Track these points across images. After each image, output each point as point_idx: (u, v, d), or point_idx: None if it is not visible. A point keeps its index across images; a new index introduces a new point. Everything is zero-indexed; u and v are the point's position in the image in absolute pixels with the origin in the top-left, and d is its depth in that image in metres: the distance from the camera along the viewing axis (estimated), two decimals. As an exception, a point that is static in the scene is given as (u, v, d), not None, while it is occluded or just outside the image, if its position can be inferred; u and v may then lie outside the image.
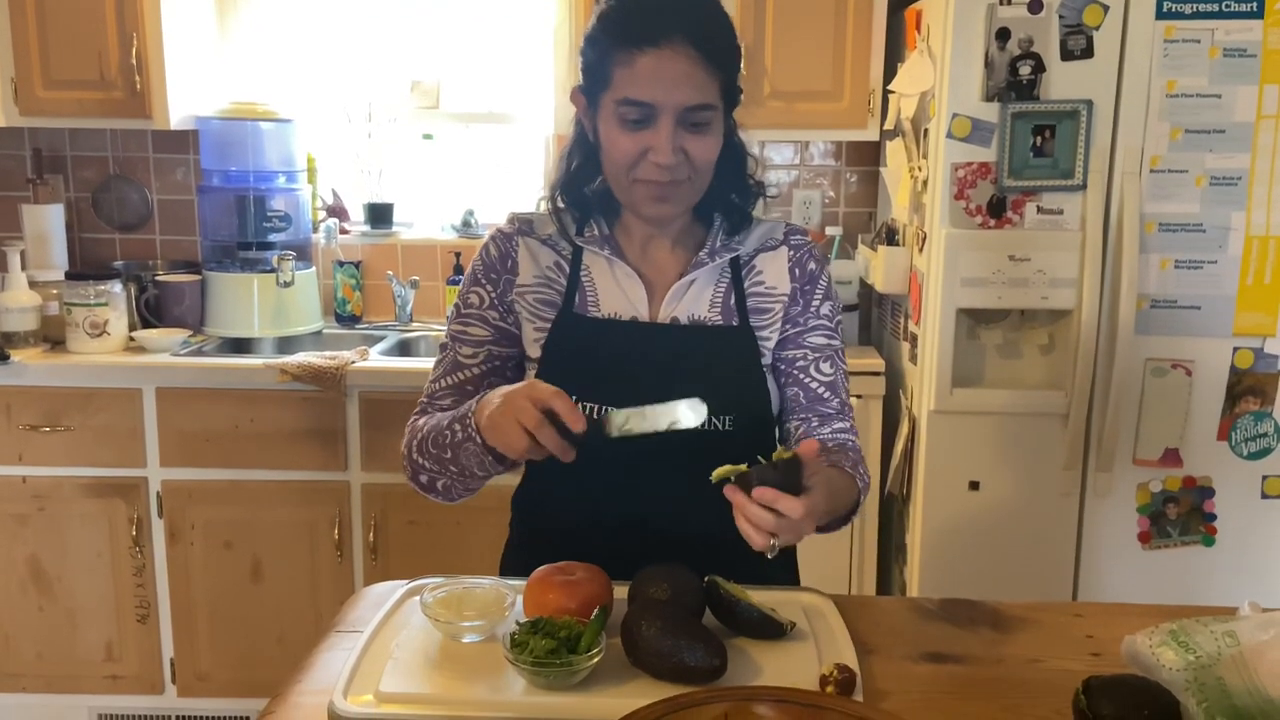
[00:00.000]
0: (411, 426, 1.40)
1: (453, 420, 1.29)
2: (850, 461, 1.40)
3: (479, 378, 1.43)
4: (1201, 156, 2.33)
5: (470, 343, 1.44)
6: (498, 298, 1.44)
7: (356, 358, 2.77)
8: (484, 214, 3.31)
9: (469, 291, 1.45)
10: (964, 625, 1.34)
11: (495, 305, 1.44)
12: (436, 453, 1.32)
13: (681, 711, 1.02)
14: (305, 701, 1.12)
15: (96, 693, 2.89)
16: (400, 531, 2.78)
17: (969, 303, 2.42)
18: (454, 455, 1.30)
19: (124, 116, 2.96)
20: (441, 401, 1.42)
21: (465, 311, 1.45)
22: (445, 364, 1.45)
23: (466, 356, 1.44)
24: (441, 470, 1.34)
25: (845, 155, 3.28)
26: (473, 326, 1.44)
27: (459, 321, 1.45)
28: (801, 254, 1.47)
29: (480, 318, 1.44)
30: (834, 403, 1.45)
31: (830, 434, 1.43)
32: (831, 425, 1.44)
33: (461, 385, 1.43)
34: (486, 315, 1.44)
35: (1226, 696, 0.98)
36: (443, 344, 1.47)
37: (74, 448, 2.75)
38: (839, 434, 1.44)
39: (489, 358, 1.44)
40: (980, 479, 2.50)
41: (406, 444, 1.39)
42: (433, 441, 1.32)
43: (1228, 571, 2.48)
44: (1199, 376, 2.42)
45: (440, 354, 1.46)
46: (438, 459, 1.33)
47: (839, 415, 1.46)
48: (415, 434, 1.38)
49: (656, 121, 1.29)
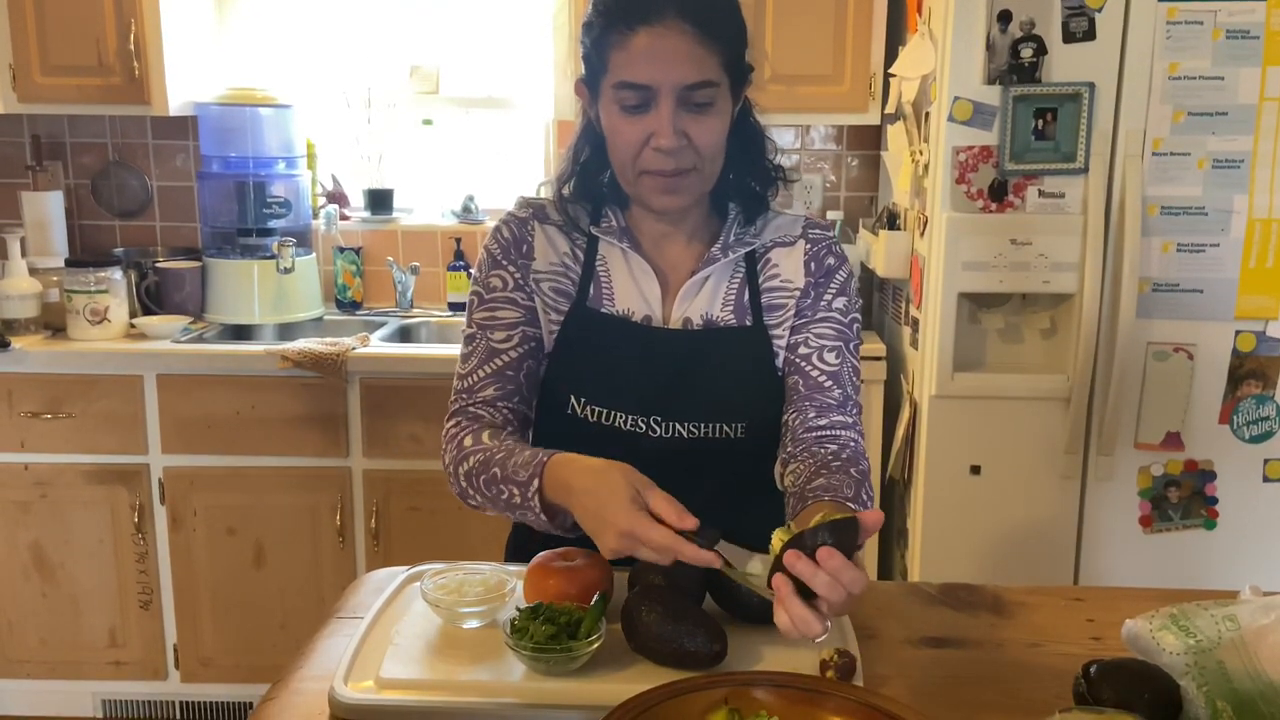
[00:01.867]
0: (457, 444, 1.32)
1: (506, 478, 1.23)
2: (853, 486, 1.26)
3: (518, 361, 1.38)
4: (1204, 139, 2.32)
5: (502, 327, 1.38)
6: (521, 279, 1.40)
7: (357, 344, 2.77)
8: (484, 200, 3.30)
9: (489, 276, 1.41)
10: (964, 610, 1.35)
11: (520, 287, 1.40)
12: (491, 496, 1.27)
13: (682, 697, 1.02)
14: (306, 687, 1.13)
15: (100, 679, 2.90)
16: (402, 517, 2.78)
17: (970, 287, 2.42)
18: (510, 510, 1.25)
19: (123, 103, 2.95)
20: (483, 392, 1.37)
21: (490, 297, 1.40)
22: (479, 353, 1.38)
23: (500, 341, 1.38)
24: (495, 507, 1.29)
25: (846, 139, 3.27)
26: (501, 310, 1.39)
27: (484, 309, 1.40)
28: (819, 248, 1.42)
29: (508, 300, 1.39)
30: (835, 393, 1.37)
31: (828, 425, 1.35)
32: (829, 416, 1.35)
33: (501, 371, 1.37)
34: (513, 297, 1.39)
35: (1227, 680, 0.98)
36: (468, 334, 1.40)
37: (75, 435, 2.75)
38: (838, 428, 1.35)
39: (524, 339, 1.39)
40: (981, 463, 2.50)
41: (453, 462, 1.32)
42: (485, 485, 1.27)
43: (1229, 555, 2.48)
44: (1201, 360, 2.41)
45: (468, 345, 1.40)
46: (492, 500, 1.27)
47: (840, 407, 1.36)
48: (462, 457, 1.30)
49: (656, 104, 1.26)
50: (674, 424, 1.37)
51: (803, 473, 1.30)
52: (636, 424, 1.36)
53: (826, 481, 1.26)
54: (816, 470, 1.29)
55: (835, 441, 1.35)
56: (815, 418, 1.36)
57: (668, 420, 1.37)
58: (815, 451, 1.33)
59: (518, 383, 1.38)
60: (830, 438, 1.35)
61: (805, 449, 1.34)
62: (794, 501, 1.27)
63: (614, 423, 1.37)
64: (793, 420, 1.38)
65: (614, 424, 1.37)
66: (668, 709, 1.01)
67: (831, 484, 1.25)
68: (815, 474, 1.28)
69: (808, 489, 1.26)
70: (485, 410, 1.36)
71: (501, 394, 1.37)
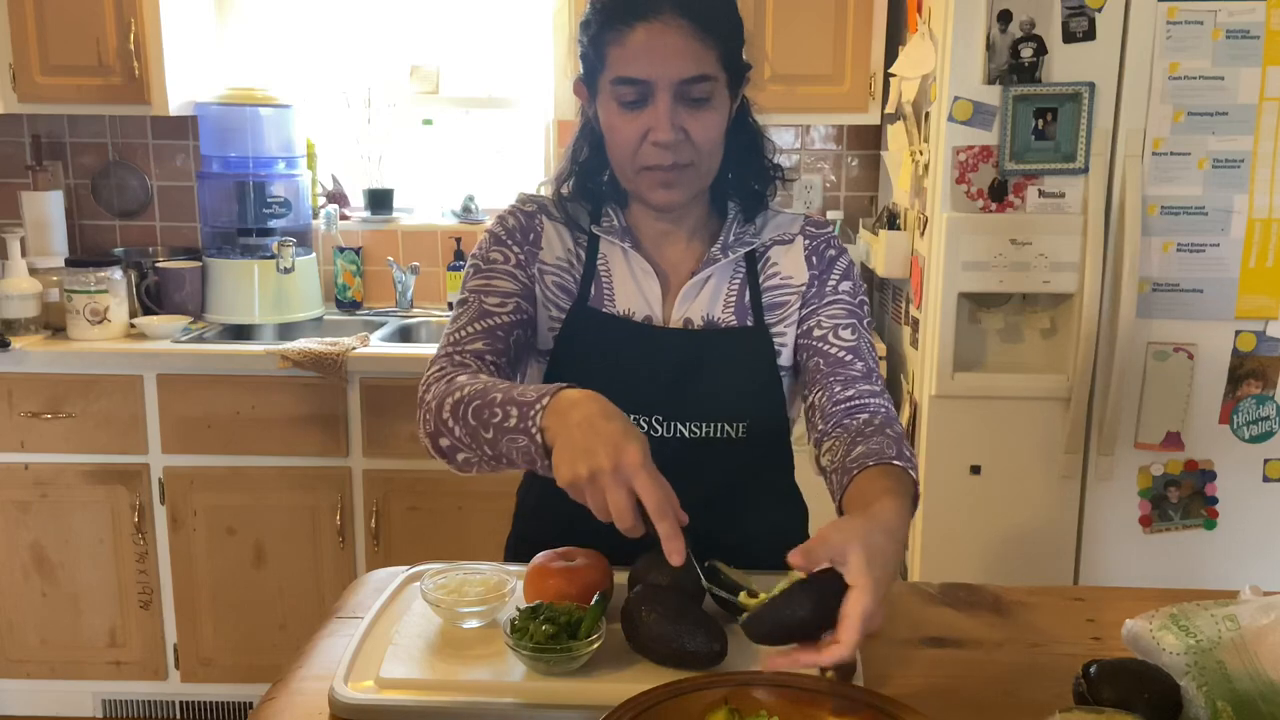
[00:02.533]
0: (448, 379, 1.25)
1: (508, 400, 1.14)
2: (894, 445, 1.22)
3: (509, 326, 1.35)
4: (1204, 139, 2.32)
5: (497, 294, 1.35)
6: (524, 260, 1.38)
7: (357, 344, 2.77)
8: (484, 200, 3.30)
9: (490, 251, 1.39)
10: (965, 609, 1.34)
11: (522, 266, 1.38)
12: (475, 425, 1.17)
13: (682, 697, 1.02)
14: (306, 687, 1.13)
15: (100, 678, 2.91)
16: (402, 517, 2.78)
17: (970, 287, 2.42)
18: (495, 437, 1.14)
19: (123, 103, 2.96)
20: (471, 345, 1.32)
21: (487, 268, 1.38)
22: (470, 312, 1.34)
23: (494, 305, 1.34)
24: (471, 445, 1.19)
25: (846, 139, 3.27)
26: (498, 280, 1.37)
27: (480, 277, 1.37)
28: (818, 242, 1.42)
29: (507, 273, 1.37)
30: (858, 366, 1.34)
31: (855, 395, 1.32)
32: (855, 387, 1.33)
33: (492, 330, 1.33)
34: (514, 273, 1.37)
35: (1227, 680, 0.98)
36: (461, 299, 1.37)
37: (75, 434, 2.75)
38: (865, 397, 1.32)
39: (517, 309, 1.36)
40: (981, 463, 2.50)
41: (436, 396, 1.23)
42: (473, 412, 1.17)
43: (1229, 555, 2.48)
44: (1201, 360, 2.41)
45: (459, 307, 1.36)
46: (473, 432, 1.17)
47: (865, 378, 1.33)
48: (451, 389, 1.22)
49: (653, 99, 1.27)
50: (675, 424, 1.37)
51: (839, 448, 1.27)
52: (638, 424, 1.36)
53: (865, 448, 1.22)
54: (853, 440, 1.26)
55: (865, 410, 1.32)
56: (841, 390, 1.33)
57: (669, 420, 1.37)
58: (847, 424, 1.31)
59: (507, 344, 1.34)
60: (860, 407, 1.32)
61: (836, 423, 1.32)
62: (838, 478, 1.24)
63: None
64: (819, 399, 1.35)
65: None
66: (668, 709, 1.01)
67: (871, 449, 1.22)
68: (853, 444, 1.25)
69: (849, 460, 1.23)
70: (472, 360, 1.31)
71: (489, 349, 1.32)
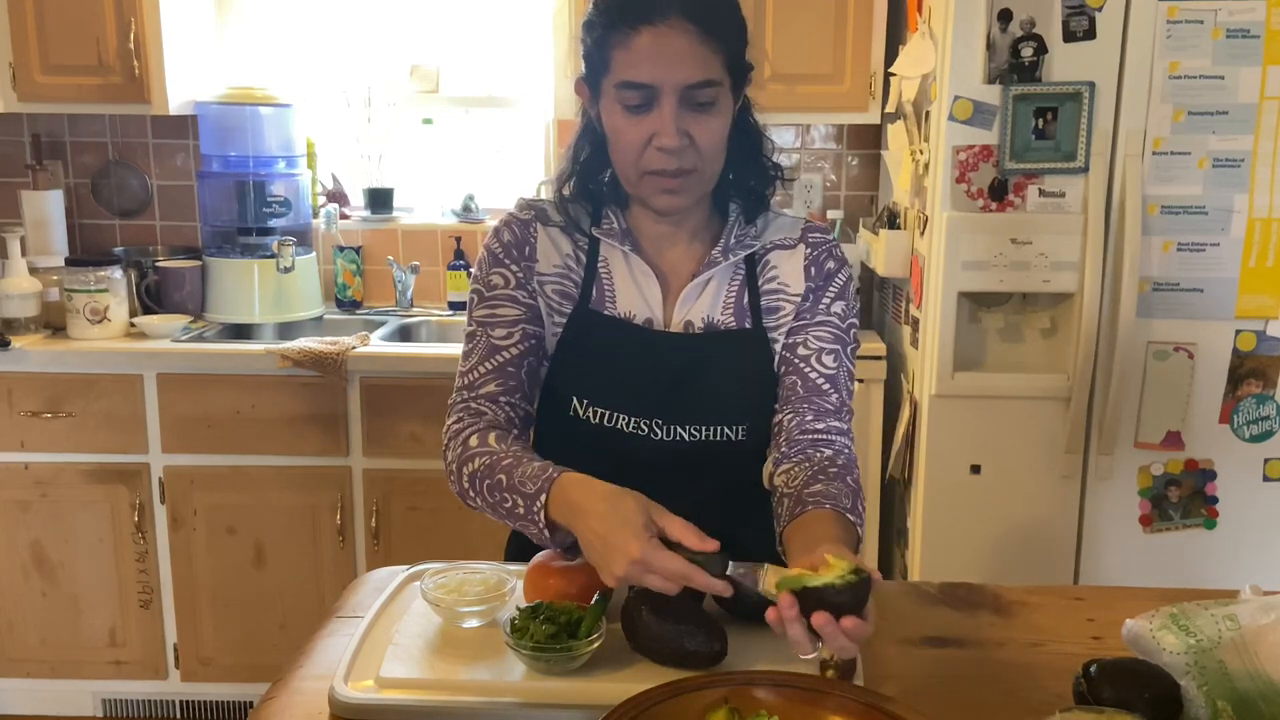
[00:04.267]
0: (462, 441, 1.31)
1: (511, 487, 1.22)
2: (850, 497, 1.27)
3: (519, 358, 1.37)
4: (1204, 138, 2.32)
5: (503, 324, 1.37)
6: (523, 279, 1.39)
7: (357, 343, 2.77)
8: (484, 199, 3.30)
9: (490, 274, 1.39)
10: (964, 609, 1.35)
11: (522, 285, 1.39)
12: (493, 502, 1.26)
13: (682, 696, 1.02)
14: (306, 687, 1.13)
15: (100, 678, 2.90)
16: (402, 517, 2.78)
17: (970, 286, 2.42)
18: (511, 519, 1.24)
19: (122, 102, 2.95)
20: (484, 388, 1.36)
21: (490, 295, 1.39)
22: (480, 350, 1.38)
23: (501, 339, 1.37)
24: (495, 515, 1.27)
25: (846, 138, 3.27)
26: (502, 308, 1.38)
27: (484, 306, 1.39)
28: (819, 252, 1.42)
29: (509, 298, 1.38)
30: (833, 398, 1.37)
31: (824, 429, 1.35)
32: (826, 421, 1.36)
33: (503, 368, 1.36)
34: (515, 295, 1.38)
35: (1227, 680, 0.98)
36: (470, 332, 1.39)
37: (76, 434, 2.75)
38: (834, 434, 1.35)
39: (524, 337, 1.38)
40: (981, 463, 2.49)
41: (455, 460, 1.31)
42: (487, 490, 1.26)
43: (1229, 555, 2.48)
44: (1201, 359, 2.41)
45: (469, 342, 1.39)
46: (494, 508, 1.26)
47: (836, 413, 1.37)
48: (467, 457, 1.29)
49: (658, 103, 1.26)
50: (675, 427, 1.37)
51: (798, 475, 1.31)
52: (639, 426, 1.36)
53: (825, 488, 1.26)
54: (814, 475, 1.29)
55: (830, 447, 1.35)
56: (812, 421, 1.36)
57: (669, 423, 1.36)
58: (810, 455, 1.34)
59: (519, 379, 1.38)
60: (825, 442, 1.35)
61: (800, 450, 1.35)
62: (789, 504, 1.27)
63: (616, 424, 1.37)
64: (788, 421, 1.37)
65: (616, 426, 1.37)
66: (668, 708, 1.01)
67: (830, 491, 1.25)
68: (813, 479, 1.29)
69: (805, 493, 1.26)
70: (487, 406, 1.35)
71: (503, 390, 1.36)
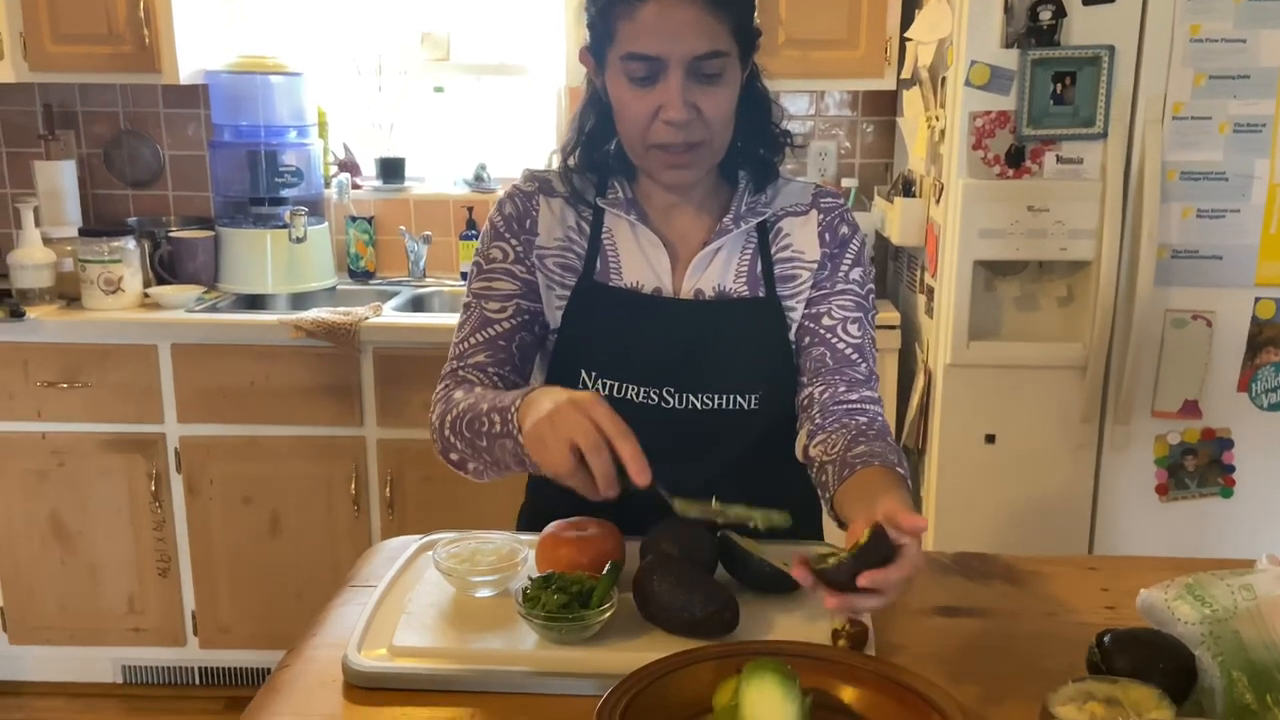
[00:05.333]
0: (446, 398, 1.32)
1: (491, 409, 1.21)
2: (895, 454, 1.24)
3: (510, 332, 1.37)
4: (1225, 103, 2.29)
5: (497, 298, 1.38)
6: (522, 253, 1.39)
7: (370, 314, 2.77)
8: (496, 168, 3.29)
9: (490, 248, 1.40)
10: (978, 579, 1.34)
11: (520, 260, 1.39)
12: (470, 437, 1.25)
13: (694, 665, 1.02)
14: (320, 655, 1.13)
15: (120, 645, 2.94)
16: (417, 487, 2.79)
17: (986, 254, 2.40)
18: (489, 445, 1.22)
19: (133, 71, 2.94)
20: (474, 358, 1.36)
21: (488, 268, 1.39)
22: (472, 321, 1.38)
23: (494, 311, 1.37)
24: (474, 455, 1.27)
25: (861, 105, 3.23)
26: (498, 281, 1.38)
27: (481, 279, 1.39)
28: (832, 218, 1.40)
29: (505, 272, 1.38)
30: (862, 367, 1.37)
31: (858, 400, 1.35)
32: (859, 392, 1.35)
33: (493, 340, 1.36)
34: (512, 270, 1.38)
35: (1242, 650, 0.98)
36: (466, 303, 1.40)
37: (92, 404, 2.77)
38: (867, 403, 1.35)
39: (518, 311, 1.38)
40: (996, 432, 2.48)
41: (439, 416, 1.31)
42: (467, 425, 1.25)
43: (1246, 524, 2.47)
44: (1219, 327, 2.39)
45: (464, 313, 1.39)
46: (471, 443, 1.25)
47: (867, 383, 1.36)
48: (449, 408, 1.29)
49: (665, 75, 1.24)
50: (687, 396, 1.36)
51: (837, 442, 1.28)
52: (649, 396, 1.36)
53: (868, 448, 1.24)
54: (854, 439, 1.27)
55: (865, 415, 1.34)
56: (846, 392, 1.35)
57: (681, 392, 1.36)
58: (847, 423, 1.32)
59: (509, 353, 1.37)
60: (860, 410, 1.34)
61: (836, 420, 1.33)
62: (834, 469, 1.24)
63: (626, 395, 1.36)
64: (820, 394, 1.36)
65: (626, 397, 1.36)
66: (680, 678, 1.01)
67: (875, 450, 1.23)
68: (854, 442, 1.26)
69: (849, 456, 1.24)
70: (474, 374, 1.35)
71: (492, 361, 1.36)
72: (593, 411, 1.08)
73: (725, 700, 0.97)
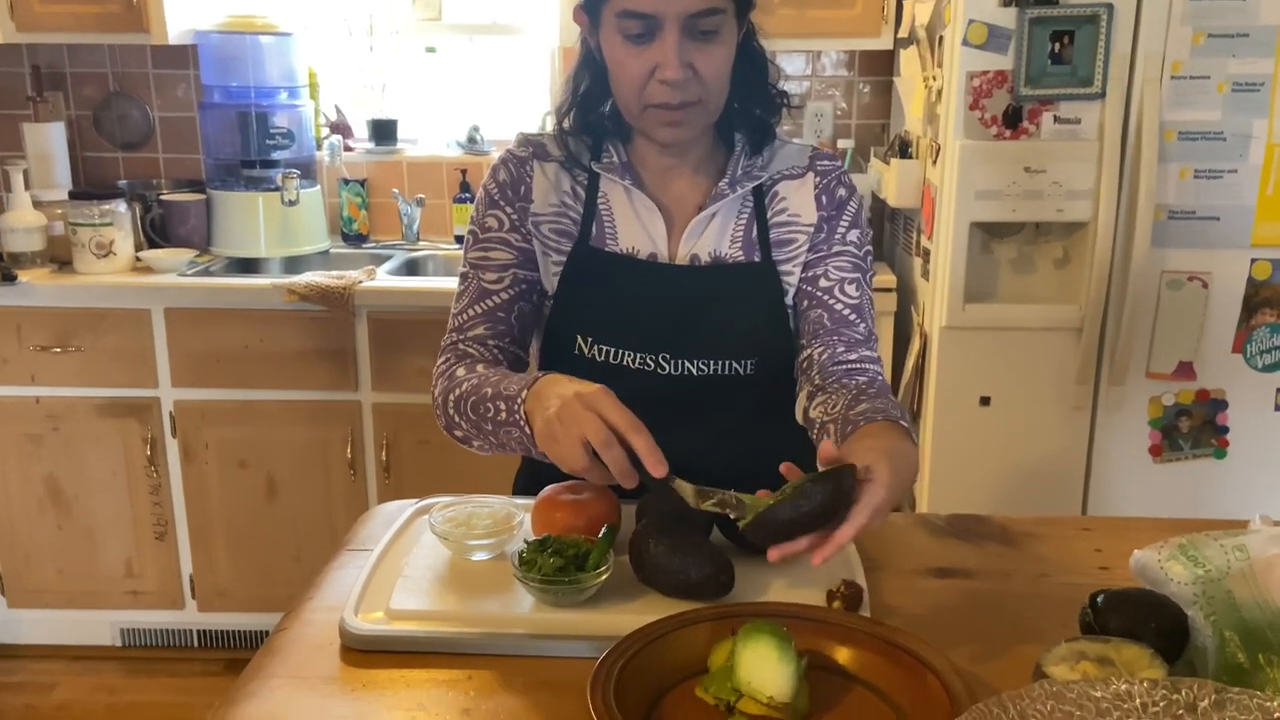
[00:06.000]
0: (449, 375, 1.31)
1: (496, 395, 1.21)
2: (898, 409, 1.23)
3: (509, 303, 1.37)
4: (1224, 62, 2.27)
5: (494, 268, 1.37)
6: (517, 221, 1.38)
7: (364, 277, 2.76)
8: (490, 130, 3.26)
9: (485, 216, 1.39)
10: (972, 540, 1.35)
11: (515, 228, 1.38)
12: (475, 419, 1.25)
13: (689, 628, 1.03)
14: (317, 618, 1.14)
15: (118, 608, 2.95)
16: (412, 451, 2.79)
17: (983, 216, 2.39)
18: (494, 430, 1.22)
19: (121, 31, 2.90)
20: (473, 331, 1.36)
21: (484, 237, 1.38)
22: (471, 292, 1.38)
23: (492, 282, 1.37)
24: (479, 435, 1.27)
25: (858, 65, 3.21)
26: (494, 251, 1.38)
27: (478, 248, 1.38)
28: (829, 180, 1.39)
29: (501, 240, 1.38)
30: (861, 327, 1.37)
31: (857, 359, 1.35)
32: (858, 351, 1.35)
33: (492, 312, 1.36)
34: (508, 238, 1.38)
35: (1235, 610, 0.98)
36: (463, 273, 1.39)
37: (85, 368, 2.76)
38: (867, 363, 1.35)
39: (515, 281, 1.37)
40: (991, 394, 2.49)
41: (442, 393, 1.31)
42: (471, 407, 1.25)
43: (1239, 484, 2.48)
44: (1215, 288, 2.39)
45: (462, 283, 1.39)
46: (476, 425, 1.25)
47: (866, 343, 1.36)
48: (452, 386, 1.29)
49: (661, 33, 1.22)
50: (683, 361, 1.36)
51: (838, 402, 1.27)
52: (645, 362, 1.35)
53: (871, 405, 1.23)
54: (855, 398, 1.26)
55: (865, 374, 1.34)
56: (845, 352, 1.35)
57: (676, 358, 1.35)
58: (846, 383, 1.32)
59: (509, 324, 1.37)
60: (860, 370, 1.35)
61: (836, 380, 1.33)
62: (836, 428, 1.23)
63: (622, 361, 1.36)
64: (819, 355, 1.36)
65: (622, 363, 1.36)
66: (675, 640, 1.01)
67: (877, 406, 1.23)
68: (855, 401, 1.25)
69: (851, 414, 1.22)
70: (475, 348, 1.35)
71: (492, 333, 1.36)
72: (601, 406, 1.06)
73: (721, 662, 0.97)
